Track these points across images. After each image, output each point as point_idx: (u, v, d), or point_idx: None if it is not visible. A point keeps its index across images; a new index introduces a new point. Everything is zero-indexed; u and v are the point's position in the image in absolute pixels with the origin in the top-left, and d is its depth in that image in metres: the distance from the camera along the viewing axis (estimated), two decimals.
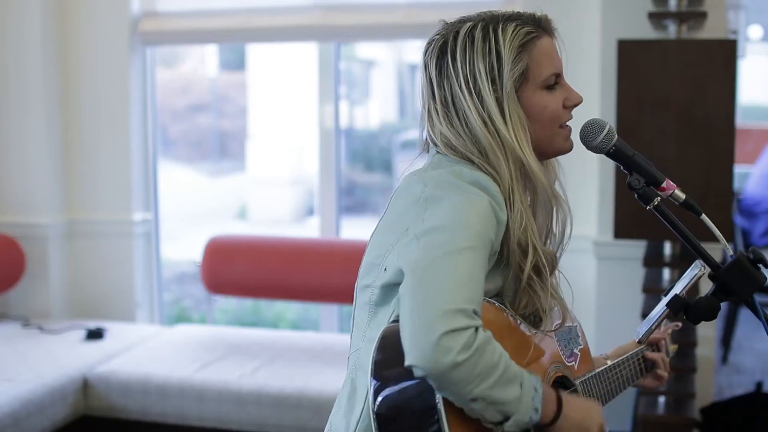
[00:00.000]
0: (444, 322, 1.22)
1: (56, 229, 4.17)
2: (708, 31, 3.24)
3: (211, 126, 7.27)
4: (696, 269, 1.58)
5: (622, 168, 1.55)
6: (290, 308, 5.36)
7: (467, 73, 1.42)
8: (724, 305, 5.53)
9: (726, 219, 2.80)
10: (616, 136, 1.52)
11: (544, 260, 1.44)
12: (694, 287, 1.58)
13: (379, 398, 1.33)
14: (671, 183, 1.55)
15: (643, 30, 3.17)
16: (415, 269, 1.28)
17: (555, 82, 1.47)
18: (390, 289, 1.40)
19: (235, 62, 7.09)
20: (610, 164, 2.92)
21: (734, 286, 1.50)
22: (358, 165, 6.63)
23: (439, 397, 1.28)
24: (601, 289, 3.51)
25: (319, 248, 3.94)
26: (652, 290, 2.88)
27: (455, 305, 1.24)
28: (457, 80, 1.43)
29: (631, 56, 2.82)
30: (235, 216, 7.24)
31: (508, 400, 1.27)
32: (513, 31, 1.43)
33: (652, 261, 2.95)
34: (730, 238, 2.80)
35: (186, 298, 5.61)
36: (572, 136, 1.52)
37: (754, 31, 9.30)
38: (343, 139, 6.49)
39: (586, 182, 3.51)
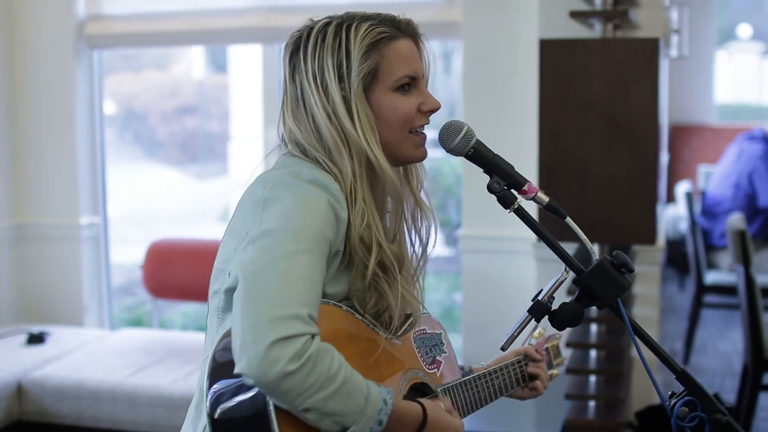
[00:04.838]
0: (274, 329, 1.19)
1: (3, 233, 4.16)
2: (645, 31, 3.21)
3: (197, 128, 7.24)
4: (559, 274, 1.56)
5: (482, 171, 1.53)
6: None
7: (315, 69, 1.42)
8: (688, 305, 5.41)
9: (651, 219, 2.76)
10: (475, 137, 1.50)
11: (391, 257, 1.42)
12: (553, 292, 1.55)
13: (215, 404, 1.31)
14: (533, 186, 1.54)
15: (576, 30, 3.13)
16: (245, 274, 1.26)
17: (409, 84, 1.45)
18: (234, 294, 1.37)
19: (222, 64, 7.05)
20: None
21: (597, 290, 1.49)
22: None
23: (270, 403, 1.25)
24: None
25: None
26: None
27: (287, 311, 1.21)
28: (306, 76, 1.43)
29: (552, 56, 2.79)
30: (218, 218, 7.22)
31: (347, 411, 1.24)
32: (365, 30, 1.42)
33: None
34: (654, 239, 2.76)
35: (148, 302, 5.58)
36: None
37: (744, 30, 9.25)
38: None
39: None
